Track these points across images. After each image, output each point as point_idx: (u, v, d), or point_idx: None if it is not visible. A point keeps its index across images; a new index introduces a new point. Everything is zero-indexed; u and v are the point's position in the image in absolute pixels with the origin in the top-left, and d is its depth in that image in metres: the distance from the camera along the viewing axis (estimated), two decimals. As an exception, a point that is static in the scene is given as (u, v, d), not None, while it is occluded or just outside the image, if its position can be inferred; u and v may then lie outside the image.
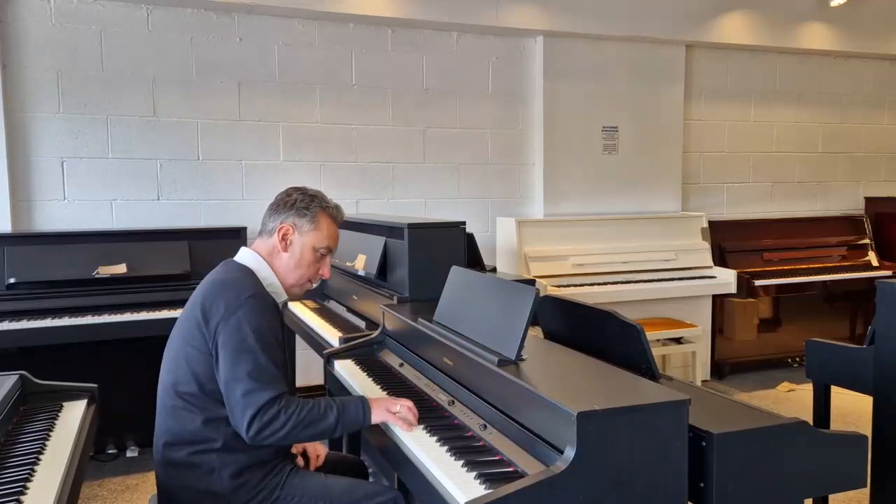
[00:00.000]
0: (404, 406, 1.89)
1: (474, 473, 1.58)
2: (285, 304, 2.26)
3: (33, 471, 1.65)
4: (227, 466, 1.81)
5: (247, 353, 1.75)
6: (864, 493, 2.81)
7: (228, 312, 1.79)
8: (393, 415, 1.87)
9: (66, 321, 3.32)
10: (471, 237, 3.84)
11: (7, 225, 3.72)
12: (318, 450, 2.15)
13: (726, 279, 4.74)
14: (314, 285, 2.09)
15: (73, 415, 2.07)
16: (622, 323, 1.96)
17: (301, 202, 1.99)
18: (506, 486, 1.40)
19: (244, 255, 1.98)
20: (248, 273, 1.92)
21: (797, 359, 5.20)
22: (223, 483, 1.81)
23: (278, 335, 1.84)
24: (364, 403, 1.87)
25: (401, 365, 2.47)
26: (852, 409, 4.19)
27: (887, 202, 5.69)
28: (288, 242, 1.96)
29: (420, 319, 2.36)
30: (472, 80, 4.71)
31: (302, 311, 3.62)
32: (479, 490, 1.51)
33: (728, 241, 5.13)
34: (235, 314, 1.78)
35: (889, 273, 5.19)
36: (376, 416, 1.87)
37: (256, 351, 1.75)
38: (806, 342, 2.90)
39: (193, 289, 1.94)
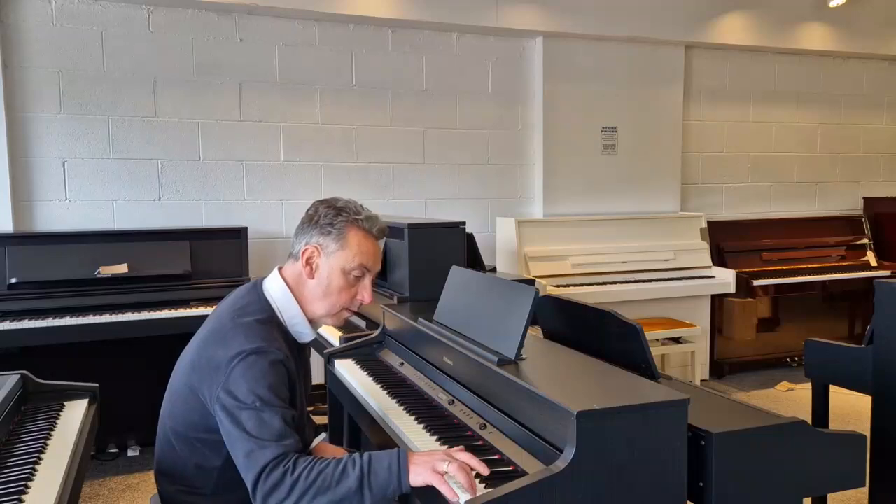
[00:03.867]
0: (455, 464, 1.46)
1: (474, 473, 1.58)
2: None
3: (34, 470, 1.65)
4: None
5: (246, 409, 1.53)
6: (862, 493, 2.82)
7: (228, 367, 1.57)
8: (440, 476, 1.45)
9: (68, 321, 3.33)
10: (471, 237, 3.85)
11: (8, 225, 3.73)
12: None
13: (725, 279, 4.75)
14: (354, 313, 1.79)
15: (75, 414, 2.07)
16: (622, 323, 1.97)
17: (325, 217, 1.71)
18: (505, 486, 1.41)
19: (272, 284, 1.74)
20: (264, 311, 1.69)
21: (796, 358, 5.21)
22: None
23: (281, 391, 1.58)
24: (401, 460, 1.48)
25: (401, 364, 2.48)
26: (851, 409, 4.20)
27: (886, 202, 5.70)
28: (314, 267, 1.71)
29: (420, 319, 2.37)
30: (472, 81, 4.71)
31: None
32: (479, 489, 1.51)
33: (727, 241, 5.14)
34: (235, 370, 1.56)
35: (888, 273, 5.20)
36: (416, 477, 1.46)
37: (256, 407, 1.53)
38: (805, 342, 2.91)
39: (194, 289, 1.92)
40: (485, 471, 1.47)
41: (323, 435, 1.94)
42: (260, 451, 1.48)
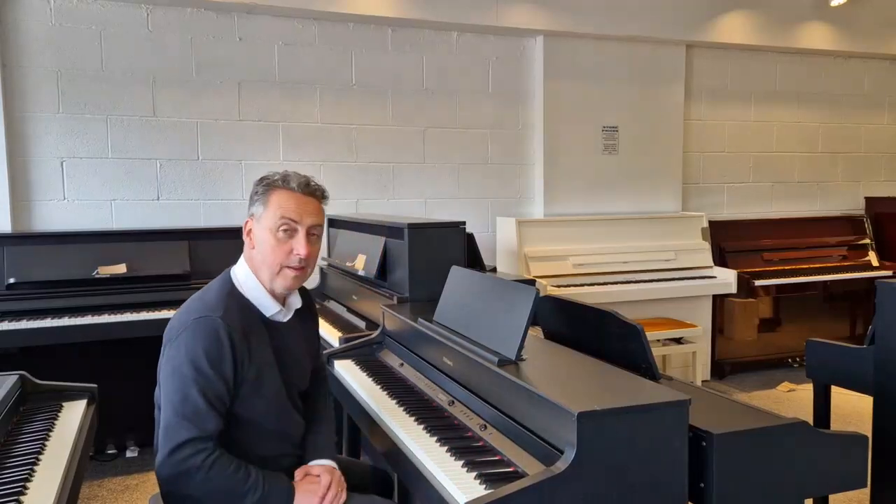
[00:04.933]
0: (332, 492, 1.69)
1: (474, 474, 1.58)
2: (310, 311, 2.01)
3: (33, 471, 1.64)
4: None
5: (177, 379, 1.63)
6: (864, 493, 2.81)
7: (174, 334, 1.69)
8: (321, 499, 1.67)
9: (66, 321, 3.32)
10: (471, 237, 3.84)
11: (7, 225, 3.72)
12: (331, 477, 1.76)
13: (726, 279, 4.74)
14: (297, 270, 1.77)
15: (73, 415, 2.07)
16: (622, 323, 1.96)
17: (254, 190, 1.81)
18: (506, 487, 1.40)
19: (237, 265, 1.84)
20: (224, 286, 1.77)
21: (797, 359, 5.20)
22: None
23: (215, 359, 1.64)
24: (290, 494, 1.67)
25: (401, 365, 2.47)
26: (852, 409, 4.19)
27: (887, 202, 5.69)
28: (252, 238, 1.79)
29: (420, 319, 2.36)
30: (472, 80, 4.71)
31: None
32: (480, 490, 1.51)
33: (728, 241, 5.13)
34: (179, 337, 1.66)
35: (889, 273, 5.19)
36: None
37: (187, 380, 1.61)
38: (806, 342, 2.90)
39: (193, 289, 1.92)
40: None
41: (326, 462, 1.84)
42: (176, 427, 1.60)
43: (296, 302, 1.89)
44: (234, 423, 1.71)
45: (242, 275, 1.81)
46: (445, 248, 2.85)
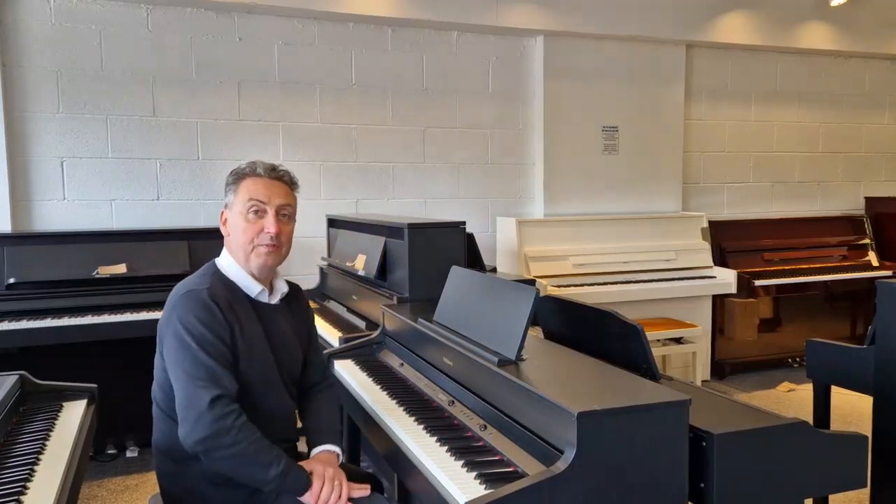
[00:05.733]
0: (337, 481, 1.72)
1: (474, 474, 1.58)
2: (295, 294, 2.04)
3: (33, 471, 1.64)
4: (212, 472, 1.72)
5: (181, 350, 1.68)
6: (864, 494, 2.81)
7: (167, 313, 1.76)
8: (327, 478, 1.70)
9: (66, 321, 3.32)
10: (471, 237, 3.84)
11: (7, 225, 3.72)
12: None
13: (726, 279, 4.74)
14: (270, 247, 1.82)
15: (73, 415, 2.07)
16: (622, 323, 1.96)
17: (225, 183, 1.91)
18: (506, 487, 1.40)
19: (221, 255, 1.91)
20: (208, 269, 1.87)
21: (797, 359, 5.20)
22: (216, 489, 1.77)
23: (217, 332, 1.71)
24: (307, 477, 1.69)
25: (401, 365, 2.47)
26: (853, 410, 4.19)
27: (887, 202, 5.69)
28: (227, 225, 1.88)
29: (420, 319, 2.36)
30: (472, 80, 4.71)
31: (302, 311, 3.61)
32: (479, 490, 1.51)
33: (728, 241, 5.13)
34: (172, 313, 1.74)
35: (889, 273, 5.19)
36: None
37: (191, 347, 1.67)
38: (806, 342, 2.90)
39: (193, 289, 1.92)
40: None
41: (330, 448, 1.88)
42: (197, 392, 1.63)
43: (282, 286, 1.96)
44: None
45: (224, 260, 1.89)
46: (445, 248, 2.85)
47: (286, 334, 1.93)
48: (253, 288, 1.87)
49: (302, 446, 2.01)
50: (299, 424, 2.00)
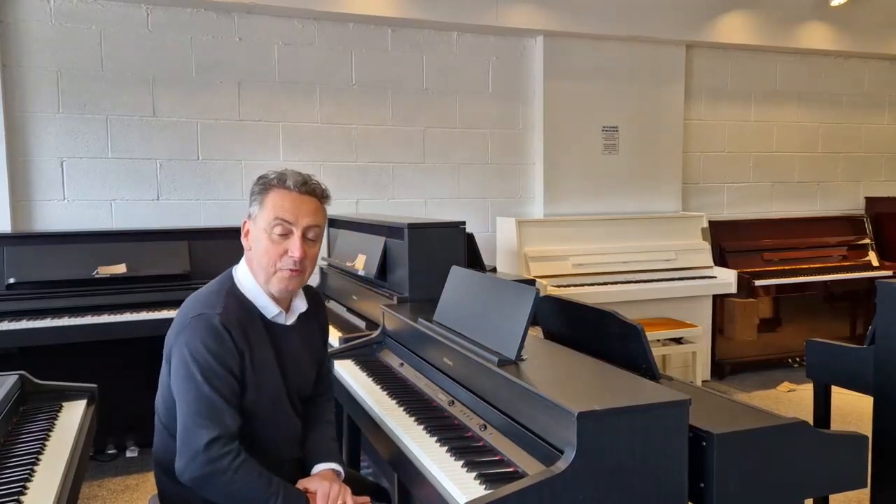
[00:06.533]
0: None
1: (474, 474, 1.58)
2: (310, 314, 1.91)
3: (33, 471, 1.64)
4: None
5: (186, 380, 1.61)
6: (864, 494, 2.81)
7: (176, 330, 1.68)
8: None
9: (66, 321, 3.32)
10: (471, 237, 3.84)
11: (7, 225, 3.72)
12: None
13: (726, 279, 4.74)
14: (293, 272, 1.72)
15: (73, 415, 2.07)
16: (622, 323, 1.96)
17: (251, 190, 1.77)
18: (506, 487, 1.40)
19: (239, 265, 1.81)
20: (224, 284, 1.76)
21: (797, 359, 5.20)
22: None
23: (225, 362, 1.63)
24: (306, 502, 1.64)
25: (401, 365, 2.47)
26: (853, 409, 4.19)
27: (887, 202, 5.69)
28: (249, 238, 1.76)
29: (420, 319, 2.36)
30: (472, 80, 4.71)
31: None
32: (479, 490, 1.51)
33: (728, 241, 5.13)
34: (181, 335, 1.65)
35: (889, 273, 5.19)
36: None
37: (196, 379, 1.59)
38: (806, 342, 2.90)
39: (193, 289, 1.89)
40: None
41: (332, 466, 1.83)
42: (197, 429, 1.57)
43: (300, 306, 1.85)
44: None
45: (242, 275, 1.78)
46: (445, 248, 2.85)
47: (299, 354, 1.85)
48: (270, 310, 1.77)
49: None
50: None
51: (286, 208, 1.71)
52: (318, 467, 1.78)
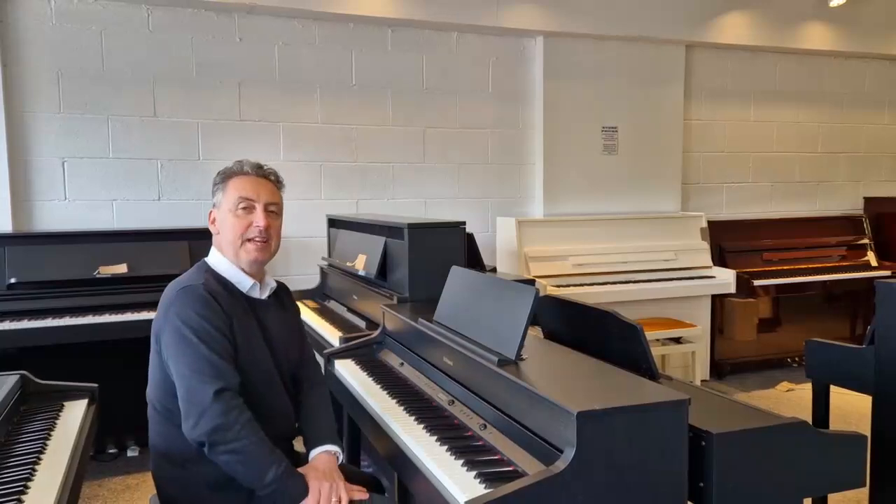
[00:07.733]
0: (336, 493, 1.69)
1: (474, 473, 1.58)
2: (282, 291, 2.07)
3: (34, 470, 1.65)
4: (210, 475, 1.73)
5: (182, 346, 1.69)
6: (863, 493, 2.81)
7: (162, 311, 1.78)
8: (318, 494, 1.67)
9: (67, 321, 3.33)
10: (471, 237, 3.84)
11: (8, 225, 3.73)
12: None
13: (726, 279, 4.74)
14: (259, 242, 1.87)
15: (74, 415, 2.07)
16: (622, 323, 1.96)
17: (213, 182, 1.94)
18: (505, 486, 1.41)
19: (210, 253, 1.95)
20: (199, 267, 1.89)
21: (797, 359, 5.20)
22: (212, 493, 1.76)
23: (218, 325, 1.73)
24: (305, 482, 1.69)
25: (401, 365, 2.48)
26: (852, 409, 4.20)
27: (887, 202, 5.69)
28: (216, 223, 1.92)
29: (420, 319, 2.37)
30: (472, 80, 4.71)
31: (302, 311, 3.62)
32: (479, 489, 1.51)
33: (727, 241, 5.13)
34: (170, 309, 1.75)
35: (888, 273, 5.19)
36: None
37: (192, 342, 1.69)
38: (805, 342, 2.91)
39: (194, 289, 1.92)
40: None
41: (330, 447, 1.88)
42: (201, 387, 1.64)
43: (270, 282, 2.00)
44: None
45: (215, 259, 1.92)
46: (445, 248, 2.85)
47: (280, 330, 1.96)
48: (245, 282, 1.90)
49: (299, 445, 2.01)
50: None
51: (247, 188, 1.88)
52: (316, 450, 1.86)
